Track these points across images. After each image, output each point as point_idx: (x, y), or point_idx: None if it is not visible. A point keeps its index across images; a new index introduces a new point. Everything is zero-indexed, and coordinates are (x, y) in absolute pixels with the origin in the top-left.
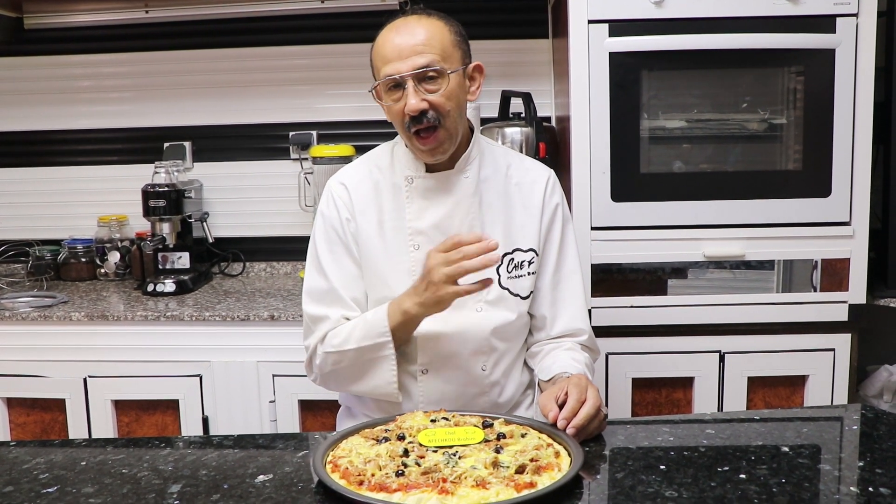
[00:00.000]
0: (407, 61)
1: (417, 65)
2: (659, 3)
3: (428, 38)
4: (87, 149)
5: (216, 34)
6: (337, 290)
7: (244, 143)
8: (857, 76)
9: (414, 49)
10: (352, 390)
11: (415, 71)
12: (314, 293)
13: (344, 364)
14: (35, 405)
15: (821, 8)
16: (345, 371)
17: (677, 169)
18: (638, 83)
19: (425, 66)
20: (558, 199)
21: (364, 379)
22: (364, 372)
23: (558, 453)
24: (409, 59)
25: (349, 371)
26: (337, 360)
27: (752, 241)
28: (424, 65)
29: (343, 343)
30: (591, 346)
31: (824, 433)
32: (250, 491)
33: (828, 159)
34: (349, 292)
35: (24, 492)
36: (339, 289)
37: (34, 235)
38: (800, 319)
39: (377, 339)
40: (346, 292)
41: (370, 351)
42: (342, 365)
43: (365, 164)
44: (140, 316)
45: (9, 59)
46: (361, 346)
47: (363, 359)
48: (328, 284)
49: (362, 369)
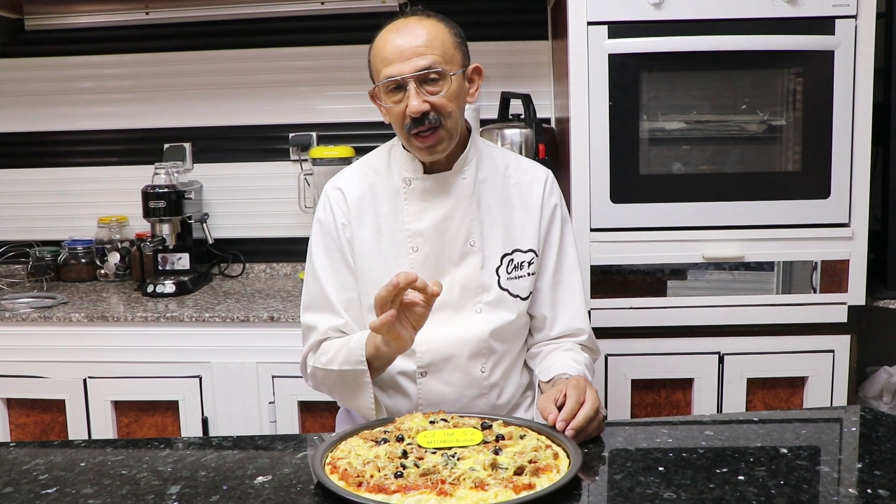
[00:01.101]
0: (409, 63)
1: (419, 66)
2: (658, 5)
3: (429, 39)
4: (87, 150)
5: (216, 35)
6: (328, 295)
7: (244, 145)
8: (857, 77)
9: (415, 50)
10: (339, 403)
11: (417, 73)
12: (306, 299)
13: (329, 381)
14: (35, 406)
15: (820, 9)
16: (330, 387)
17: (677, 170)
18: (637, 85)
19: (427, 68)
20: (557, 199)
21: (347, 398)
22: (346, 392)
23: (557, 455)
24: (410, 60)
25: (334, 388)
26: (323, 377)
27: (752, 243)
28: (426, 66)
29: (328, 363)
30: (591, 346)
31: (823, 435)
32: (249, 492)
33: (827, 161)
34: (341, 296)
35: (23, 493)
36: (330, 294)
37: (34, 236)
38: (799, 321)
39: (356, 366)
40: (338, 297)
41: (350, 375)
42: (328, 382)
43: (361, 167)
44: (140, 317)
45: (10, 61)
46: (343, 370)
47: (345, 380)
48: (320, 290)
49: (345, 390)
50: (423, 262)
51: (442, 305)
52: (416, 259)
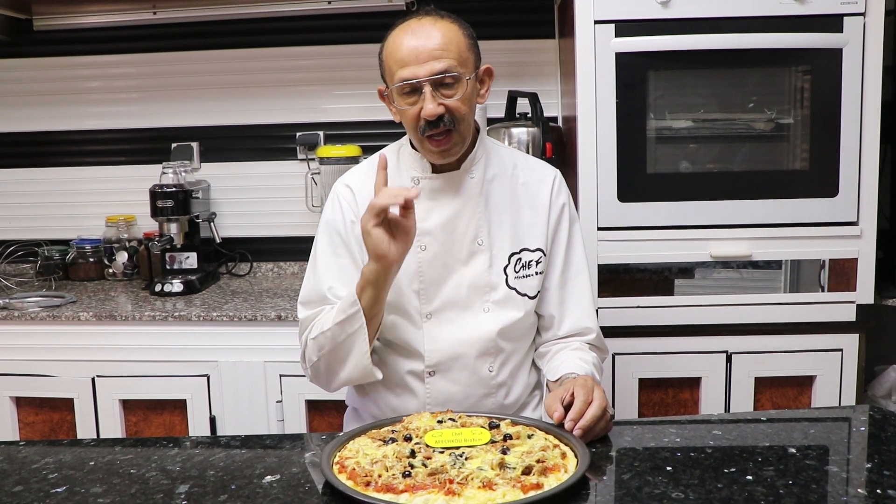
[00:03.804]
0: (424, 66)
1: (436, 70)
2: (665, 4)
3: (445, 42)
4: (95, 149)
5: (224, 35)
6: (328, 289)
7: (251, 144)
8: (865, 75)
9: (431, 54)
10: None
11: (433, 76)
12: (304, 294)
13: (326, 348)
14: (43, 404)
15: (828, 7)
16: (327, 357)
17: (684, 169)
18: (644, 83)
19: (444, 72)
20: (565, 198)
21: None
22: (343, 351)
23: (565, 454)
24: (426, 63)
25: (331, 356)
26: (321, 345)
27: (759, 241)
28: (443, 70)
29: (323, 326)
30: (599, 345)
31: (832, 434)
32: (258, 492)
33: (835, 159)
34: (340, 290)
35: (33, 491)
36: (329, 287)
37: (43, 235)
38: (807, 320)
39: (349, 310)
40: (337, 290)
41: (346, 325)
42: (325, 350)
43: (371, 166)
44: (148, 316)
45: (18, 60)
46: (337, 322)
47: (341, 337)
48: (319, 284)
49: (341, 349)
50: (431, 260)
51: (450, 304)
52: (424, 258)
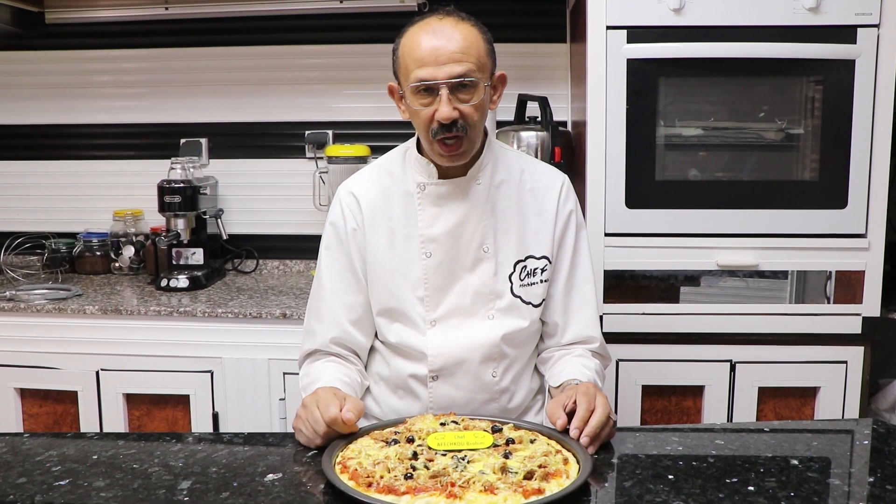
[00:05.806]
0: (443, 68)
1: (455, 73)
2: (678, 11)
3: (465, 46)
4: (104, 143)
5: (235, 32)
6: (330, 304)
7: (260, 141)
8: (878, 87)
9: (451, 56)
10: None
11: (451, 79)
12: (311, 303)
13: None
14: (48, 397)
15: (842, 18)
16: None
17: (692, 177)
18: (655, 90)
19: (462, 76)
20: (572, 205)
21: None
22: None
23: (567, 460)
24: (446, 65)
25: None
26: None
27: (766, 252)
28: (462, 73)
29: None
30: (602, 353)
31: (835, 447)
32: (259, 489)
33: (845, 170)
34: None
35: (36, 483)
36: (331, 303)
37: (50, 228)
38: (812, 331)
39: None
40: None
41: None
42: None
43: (375, 170)
44: (153, 311)
45: (29, 53)
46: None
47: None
48: (322, 296)
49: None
50: (436, 268)
51: (454, 311)
52: (429, 265)
